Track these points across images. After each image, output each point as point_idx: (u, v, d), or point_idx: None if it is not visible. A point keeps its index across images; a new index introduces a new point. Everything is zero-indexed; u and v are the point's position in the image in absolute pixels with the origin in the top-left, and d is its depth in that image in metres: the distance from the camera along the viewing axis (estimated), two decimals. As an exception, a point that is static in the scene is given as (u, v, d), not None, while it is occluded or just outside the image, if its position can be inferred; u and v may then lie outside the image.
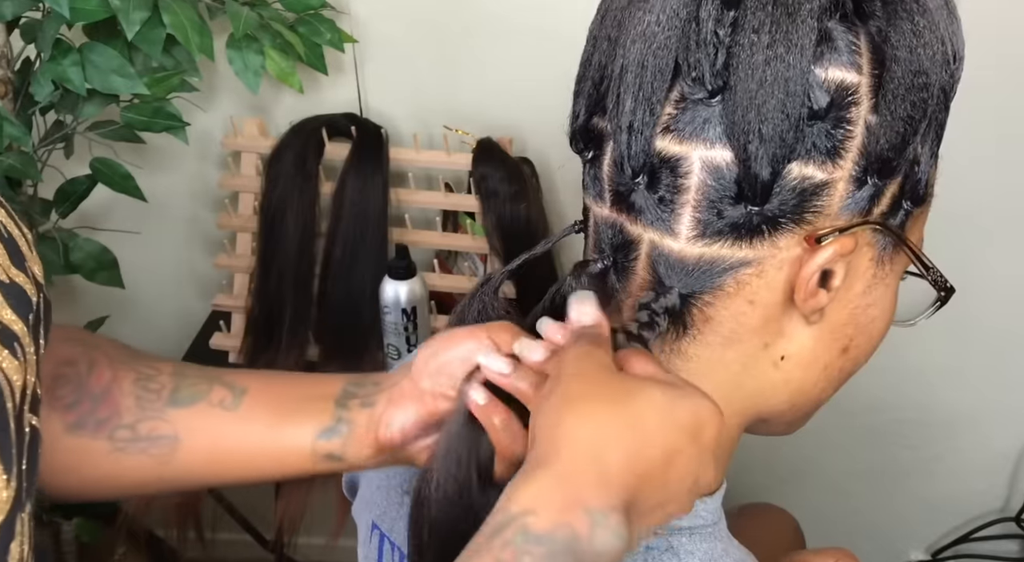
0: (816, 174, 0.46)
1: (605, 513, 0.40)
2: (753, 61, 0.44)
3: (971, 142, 1.22)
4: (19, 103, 1.12)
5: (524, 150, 1.29)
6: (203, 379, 0.55)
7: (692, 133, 0.46)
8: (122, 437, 0.52)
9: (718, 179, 0.46)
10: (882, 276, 0.51)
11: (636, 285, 0.51)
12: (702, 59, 0.45)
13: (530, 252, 0.57)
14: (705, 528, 0.53)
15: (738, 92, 0.44)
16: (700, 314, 0.49)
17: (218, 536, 1.48)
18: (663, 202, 0.47)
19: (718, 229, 0.47)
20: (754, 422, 0.55)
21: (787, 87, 0.44)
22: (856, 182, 0.46)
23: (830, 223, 0.47)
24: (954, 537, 1.63)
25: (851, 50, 0.45)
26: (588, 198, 0.53)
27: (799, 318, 0.50)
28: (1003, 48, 1.20)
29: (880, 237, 0.49)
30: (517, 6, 1.23)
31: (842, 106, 0.45)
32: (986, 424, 1.51)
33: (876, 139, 0.45)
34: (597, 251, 0.52)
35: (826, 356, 0.52)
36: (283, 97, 1.32)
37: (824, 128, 0.45)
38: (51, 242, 1.19)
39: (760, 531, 1.05)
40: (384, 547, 0.62)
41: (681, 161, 0.46)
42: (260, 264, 1.25)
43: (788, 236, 0.47)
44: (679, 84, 0.46)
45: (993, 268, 1.34)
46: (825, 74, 0.44)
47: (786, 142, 0.44)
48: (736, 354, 0.51)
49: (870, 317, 0.52)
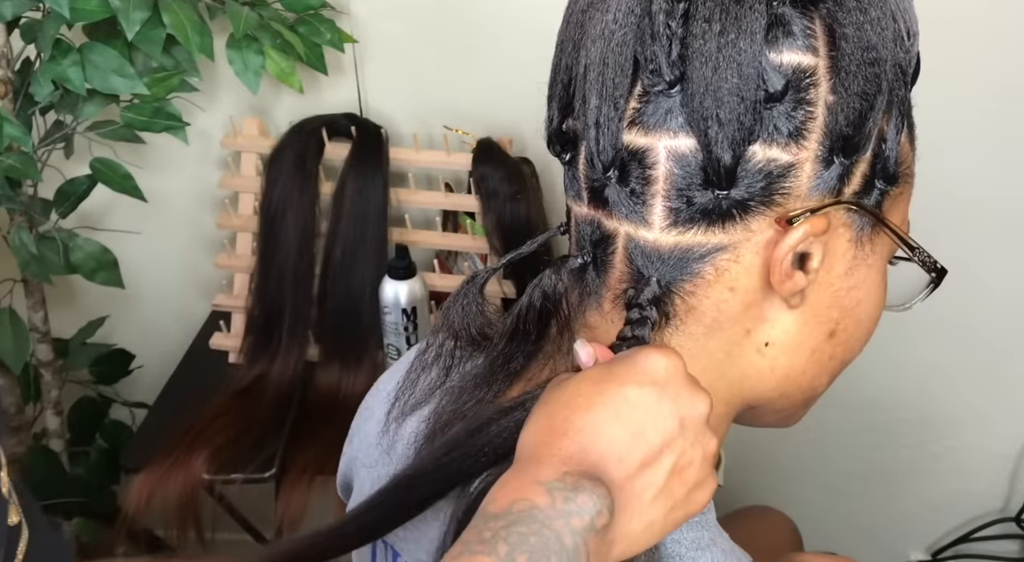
0: (781, 156, 0.47)
1: (559, 478, 0.43)
2: (706, 49, 0.45)
3: (972, 142, 1.23)
4: (19, 103, 1.12)
5: (524, 150, 1.29)
6: None
7: (656, 124, 0.47)
8: None
9: (684, 167, 0.47)
10: (863, 257, 0.51)
11: (615, 278, 0.51)
12: (658, 51, 0.46)
13: (516, 252, 0.58)
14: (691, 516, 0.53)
15: (695, 80, 0.45)
16: (683, 304, 0.50)
17: (218, 536, 1.48)
18: (634, 194, 0.48)
19: (689, 216, 0.48)
20: (743, 410, 0.55)
21: (740, 71, 0.45)
22: (823, 162, 0.47)
23: (801, 204, 0.48)
24: (954, 537, 1.63)
25: (806, 34, 0.46)
26: (569, 199, 0.54)
27: (780, 302, 0.50)
28: (1004, 48, 1.20)
29: (856, 217, 0.50)
30: (517, 6, 1.23)
31: (800, 88, 0.46)
32: (986, 424, 1.51)
33: (835, 117, 0.47)
34: (578, 248, 0.53)
35: (812, 341, 0.52)
36: (283, 97, 1.32)
37: (784, 110, 0.46)
38: (51, 242, 1.19)
39: (758, 533, 1.05)
40: (377, 547, 0.62)
41: (648, 152, 0.48)
42: (260, 264, 1.25)
43: (760, 219, 0.48)
44: (640, 78, 0.47)
45: (994, 268, 1.34)
46: (780, 58, 0.46)
47: (744, 125, 0.45)
48: (719, 342, 0.51)
49: (855, 300, 0.52)
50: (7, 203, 1.13)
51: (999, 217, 1.32)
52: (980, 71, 1.20)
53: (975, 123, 1.24)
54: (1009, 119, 1.25)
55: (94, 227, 1.31)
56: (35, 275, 1.18)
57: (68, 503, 1.36)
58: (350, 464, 0.68)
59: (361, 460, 0.65)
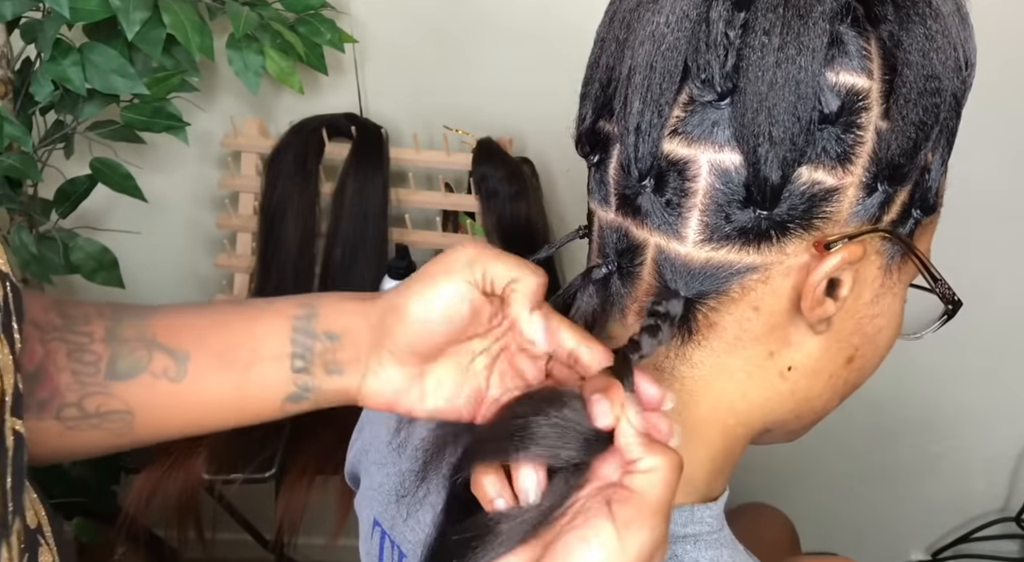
0: (826, 179, 0.45)
1: None
2: (764, 63, 0.43)
3: (973, 142, 1.23)
4: (19, 103, 1.12)
5: (524, 150, 1.29)
6: (139, 344, 0.50)
7: (701, 136, 0.45)
8: (70, 416, 0.49)
9: (727, 183, 0.45)
10: (890, 285, 0.50)
11: (642, 290, 0.50)
12: (712, 61, 0.44)
13: (533, 257, 0.56)
14: (710, 535, 0.52)
15: (748, 94, 0.44)
16: (704, 319, 0.49)
17: (218, 536, 1.48)
18: (670, 205, 0.47)
19: (726, 233, 0.46)
20: (760, 433, 0.54)
21: (798, 90, 0.43)
22: (866, 188, 0.46)
23: (839, 230, 0.46)
24: (954, 537, 1.64)
25: (862, 55, 0.44)
26: (593, 202, 0.52)
27: (805, 327, 0.49)
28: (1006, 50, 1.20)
29: (889, 246, 0.48)
30: (517, 6, 1.23)
31: (853, 111, 0.44)
32: (987, 424, 1.51)
33: (887, 145, 0.45)
34: (601, 256, 0.51)
35: (831, 366, 0.51)
36: (283, 97, 1.32)
37: (835, 132, 0.44)
38: (51, 242, 1.19)
39: (755, 531, 1.05)
40: (385, 544, 0.62)
41: (689, 164, 0.46)
42: (260, 264, 1.25)
43: (796, 242, 0.46)
44: (688, 86, 0.45)
45: (995, 268, 1.35)
46: (836, 78, 0.44)
47: (796, 145, 0.44)
48: (741, 362, 0.50)
49: (877, 327, 0.51)
50: (7, 203, 1.13)
51: (999, 218, 1.32)
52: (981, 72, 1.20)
53: (975, 124, 1.24)
54: (1009, 120, 1.25)
55: (94, 227, 1.31)
56: (35, 275, 1.18)
57: (68, 503, 1.36)
58: (359, 455, 0.68)
59: (372, 457, 0.65)
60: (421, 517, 0.58)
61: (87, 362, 0.49)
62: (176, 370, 0.50)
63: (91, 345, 0.50)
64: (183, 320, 0.51)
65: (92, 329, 0.50)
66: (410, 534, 0.59)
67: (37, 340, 0.49)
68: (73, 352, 0.49)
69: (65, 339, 0.50)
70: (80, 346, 0.50)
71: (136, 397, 0.50)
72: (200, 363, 0.50)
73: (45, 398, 0.49)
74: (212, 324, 0.51)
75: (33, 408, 0.49)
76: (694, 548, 0.51)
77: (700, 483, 0.52)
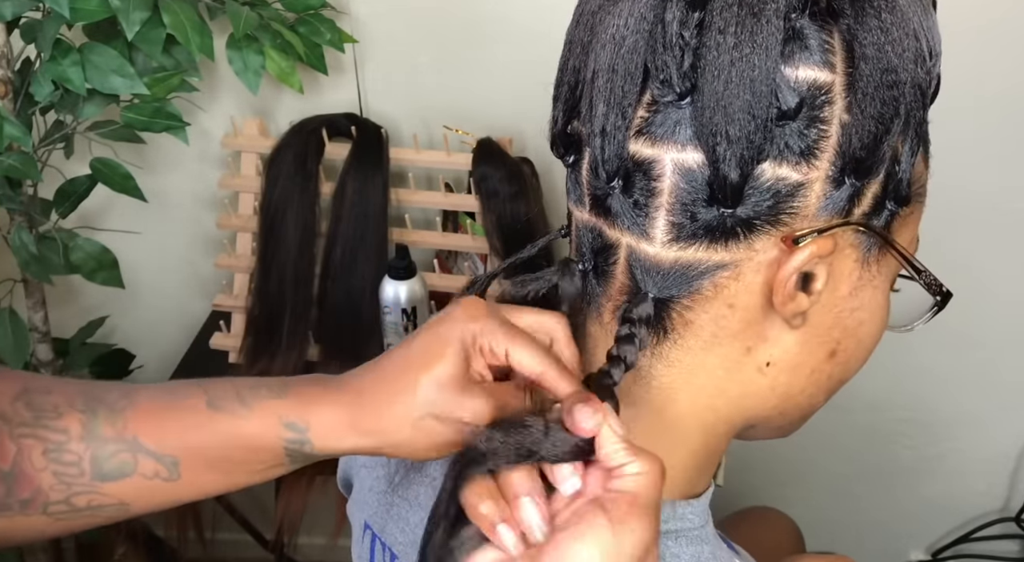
0: (791, 175, 0.45)
1: None
2: (719, 62, 0.43)
3: (973, 142, 1.23)
4: (19, 103, 1.12)
5: (524, 150, 1.29)
6: (121, 445, 0.49)
7: (664, 135, 0.46)
8: (59, 510, 0.48)
9: (690, 181, 0.45)
10: (868, 278, 0.50)
11: (616, 289, 0.50)
12: (669, 61, 0.44)
13: (516, 255, 0.57)
14: (692, 531, 0.52)
15: (705, 93, 0.44)
16: (680, 318, 0.49)
17: (218, 536, 1.49)
18: (638, 206, 0.47)
19: (692, 232, 0.46)
20: (743, 428, 0.54)
21: (753, 87, 0.43)
22: (833, 182, 0.46)
23: (808, 224, 0.46)
24: (954, 537, 1.64)
25: (824, 49, 0.44)
26: (570, 202, 0.52)
27: (781, 322, 0.49)
28: (1006, 50, 1.20)
29: (864, 238, 0.48)
30: (517, 6, 1.23)
31: (815, 106, 0.44)
32: (986, 424, 1.51)
33: (850, 139, 0.45)
34: (578, 255, 0.52)
35: (812, 361, 0.51)
36: (283, 97, 1.32)
37: (796, 128, 0.44)
38: (51, 242, 1.19)
39: (760, 534, 1.05)
40: (376, 547, 0.62)
41: (654, 164, 0.46)
42: (260, 264, 1.25)
43: (764, 238, 0.46)
44: (650, 87, 0.46)
45: (994, 268, 1.35)
46: (795, 73, 0.44)
47: (753, 143, 0.44)
48: (718, 358, 0.50)
49: (858, 320, 0.51)
50: (7, 203, 1.13)
51: (998, 220, 1.32)
52: (983, 74, 1.20)
53: (975, 125, 1.24)
54: (1010, 122, 1.25)
55: (94, 227, 1.31)
56: (35, 275, 1.18)
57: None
58: (349, 460, 0.68)
59: (361, 460, 0.65)
60: (411, 518, 0.58)
61: (67, 462, 0.48)
62: (168, 472, 0.49)
63: (68, 444, 0.48)
64: (163, 417, 0.50)
65: (66, 425, 0.48)
66: (400, 535, 0.59)
67: (7, 436, 0.48)
68: (50, 452, 0.48)
69: (38, 436, 0.48)
70: (58, 445, 0.48)
71: (129, 494, 0.49)
72: (191, 466, 0.50)
73: (27, 498, 0.48)
74: (196, 426, 0.49)
75: (15, 507, 0.48)
76: (675, 544, 0.51)
77: (680, 480, 0.52)
